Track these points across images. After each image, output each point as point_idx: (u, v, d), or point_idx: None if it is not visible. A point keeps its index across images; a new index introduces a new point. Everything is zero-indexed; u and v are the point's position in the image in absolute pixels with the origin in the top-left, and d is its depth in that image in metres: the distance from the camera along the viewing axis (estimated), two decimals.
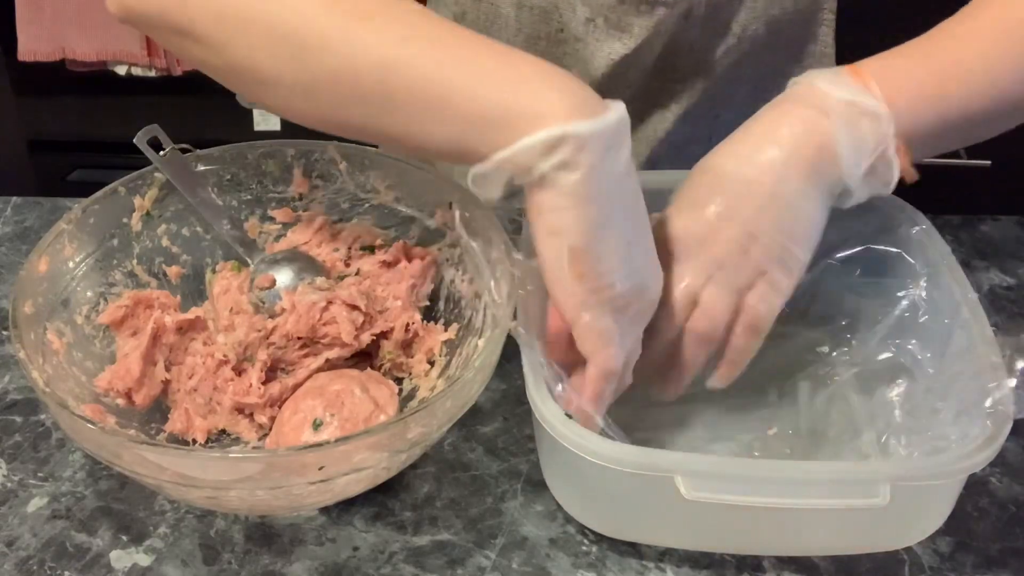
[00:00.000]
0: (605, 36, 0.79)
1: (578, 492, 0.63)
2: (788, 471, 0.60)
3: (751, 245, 0.62)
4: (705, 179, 0.64)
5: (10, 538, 0.64)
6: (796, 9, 0.82)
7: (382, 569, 0.63)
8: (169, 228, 0.74)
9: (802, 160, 0.62)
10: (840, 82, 0.62)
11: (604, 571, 0.63)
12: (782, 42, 0.84)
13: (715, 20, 0.80)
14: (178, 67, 1.65)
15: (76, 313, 0.68)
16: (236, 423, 0.69)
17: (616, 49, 0.79)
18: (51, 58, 1.62)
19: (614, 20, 0.78)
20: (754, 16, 0.80)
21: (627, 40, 0.79)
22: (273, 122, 1.73)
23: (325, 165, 0.76)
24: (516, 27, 0.82)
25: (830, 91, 0.62)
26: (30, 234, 0.86)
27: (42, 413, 0.71)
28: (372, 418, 0.65)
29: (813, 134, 0.62)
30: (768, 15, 0.80)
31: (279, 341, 0.69)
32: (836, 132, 0.61)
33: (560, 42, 0.81)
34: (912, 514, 0.61)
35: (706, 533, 0.63)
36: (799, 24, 0.84)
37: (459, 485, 0.68)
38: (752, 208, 0.62)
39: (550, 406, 0.59)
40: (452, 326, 0.72)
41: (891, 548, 0.64)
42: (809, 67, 0.86)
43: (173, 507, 0.66)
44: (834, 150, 0.61)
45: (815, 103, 0.62)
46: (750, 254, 0.62)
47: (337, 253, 0.75)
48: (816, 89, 0.63)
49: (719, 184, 0.63)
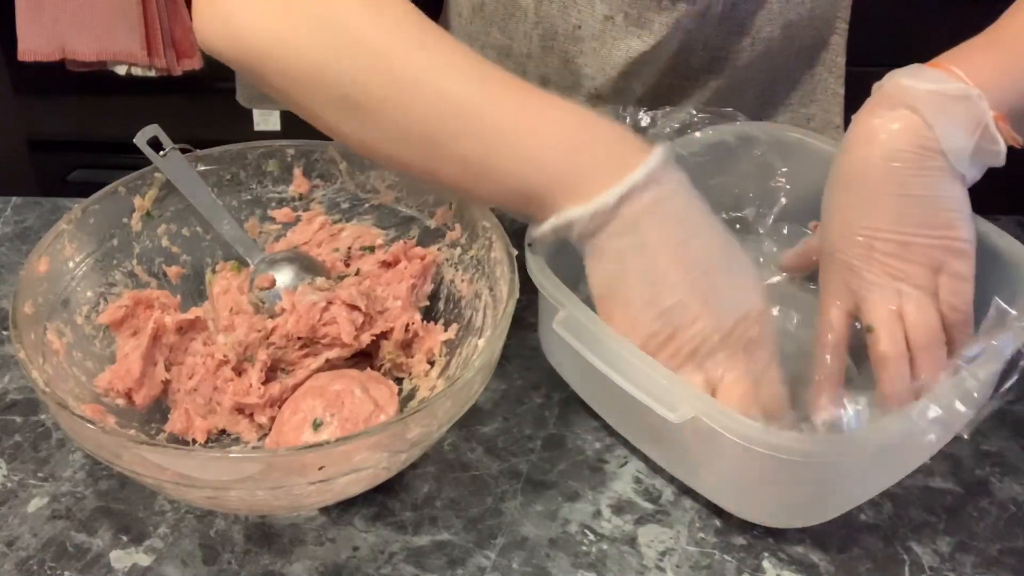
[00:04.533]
0: (624, 33, 0.79)
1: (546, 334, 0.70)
2: (623, 347, 0.61)
3: (908, 252, 0.63)
4: (832, 200, 0.66)
5: (10, 538, 0.64)
6: (812, 15, 0.82)
7: (382, 569, 0.63)
8: (169, 228, 0.74)
9: (911, 156, 0.63)
10: (922, 75, 0.64)
11: (604, 571, 0.63)
12: (795, 47, 0.84)
13: (732, 19, 0.80)
14: (178, 67, 1.65)
15: (76, 313, 0.68)
16: (236, 423, 0.69)
17: (634, 46, 0.79)
18: (51, 58, 1.62)
19: (634, 16, 0.78)
20: (770, 18, 0.80)
21: (646, 37, 0.79)
22: (273, 122, 1.73)
23: (325, 165, 0.76)
24: (534, 20, 0.82)
25: (915, 85, 0.63)
26: (30, 234, 0.86)
27: (42, 413, 0.71)
28: (372, 418, 0.65)
29: (910, 130, 0.63)
30: (785, 18, 0.81)
31: (279, 341, 0.69)
32: (932, 122, 0.62)
33: (577, 39, 0.80)
34: (743, 477, 0.62)
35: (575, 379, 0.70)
36: (813, 30, 0.84)
37: (459, 485, 0.68)
38: (889, 218, 0.63)
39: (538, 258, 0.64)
40: (452, 326, 0.72)
41: (739, 514, 0.65)
42: (818, 74, 0.87)
43: (173, 507, 0.66)
44: (935, 140, 0.62)
45: (904, 100, 0.63)
46: (913, 260, 0.63)
47: (337, 253, 0.75)
48: (901, 86, 0.64)
49: (847, 209, 0.65)
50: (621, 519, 0.66)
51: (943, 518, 0.66)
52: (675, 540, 0.65)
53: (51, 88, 1.78)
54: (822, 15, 0.83)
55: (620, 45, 0.79)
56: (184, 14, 1.63)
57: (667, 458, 0.67)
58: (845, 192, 0.65)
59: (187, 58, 1.65)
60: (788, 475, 0.60)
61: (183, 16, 1.63)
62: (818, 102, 0.89)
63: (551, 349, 0.72)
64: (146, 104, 1.75)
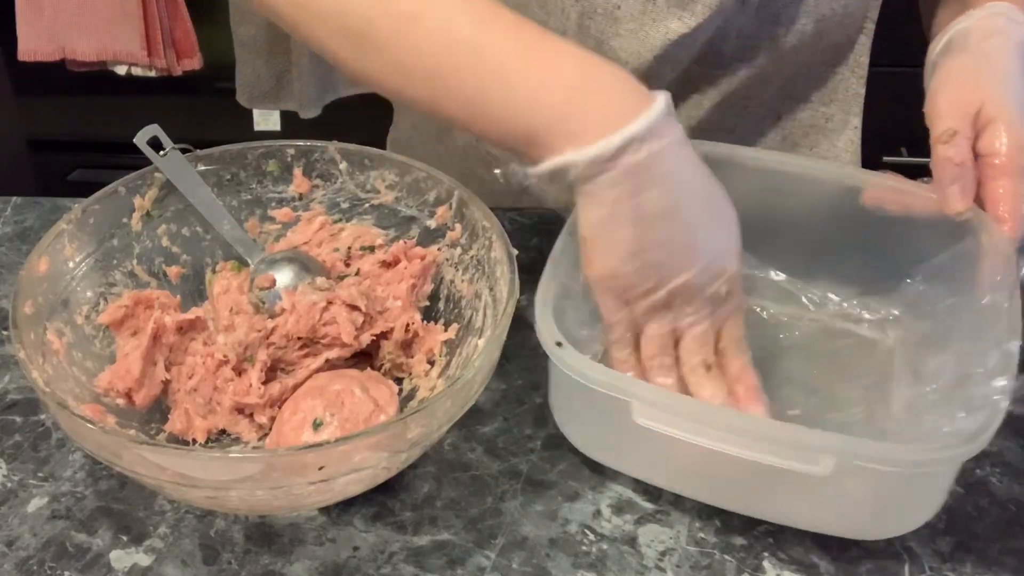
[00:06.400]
0: (665, 14, 0.78)
1: (566, 410, 0.68)
2: (736, 419, 0.61)
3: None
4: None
5: (10, 538, 0.64)
6: (845, 11, 0.82)
7: (382, 569, 0.63)
8: (169, 228, 0.74)
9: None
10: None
11: (604, 571, 0.63)
12: (823, 43, 0.85)
13: (769, 8, 0.80)
14: (178, 67, 1.65)
15: (76, 313, 0.68)
16: (236, 423, 0.69)
17: (673, 28, 0.79)
18: (51, 58, 1.62)
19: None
20: (806, 10, 0.81)
21: (687, 19, 0.78)
22: (273, 122, 1.73)
23: (325, 165, 0.76)
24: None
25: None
26: (30, 234, 0.86)
27: (42, 413, 0.71)
28: (372, 418, 0.65)
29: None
30: (819, 12, 0.81)
31: (279, 341, 0.69)
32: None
33: (615, 20, 0.80)
34: (873, 499, 0.61)
35: (661, 466, 0.66)
36: (843, 28, 0.85)
37: (459, 485, 0.68)
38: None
39: (548, 322, 0.63)
40: (452, 326, 0.72)
41: (858, 536, 0.64)
42: (841, 73, 0.88)
43: (173, 507, 0.66)
44: None
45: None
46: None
47: (337, 253, 0.75)
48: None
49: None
50: (621, 519, 0.66)
51: (943, 518, 0.66)
52: (675, 540, 0.65)
53: (51, 88, 1.78)
54: (854, 12, 0.84)
55: (659, 27, 0.79)
56: (184, 14, 1.63)
57: (763, 506, 0.65)
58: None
59: (187, 58, 1.65)
60: (921, 482, 0.61)
61: (183, 16, 1.63)
62: (838, 102, 0.89)
63: (564, 420, 0.69)
64: (146, 104, 1.75)
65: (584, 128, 0.59)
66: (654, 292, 0.62)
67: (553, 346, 0.62)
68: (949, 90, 0.73)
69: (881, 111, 0.99)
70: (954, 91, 0.73)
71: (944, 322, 0.72)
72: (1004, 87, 0.72)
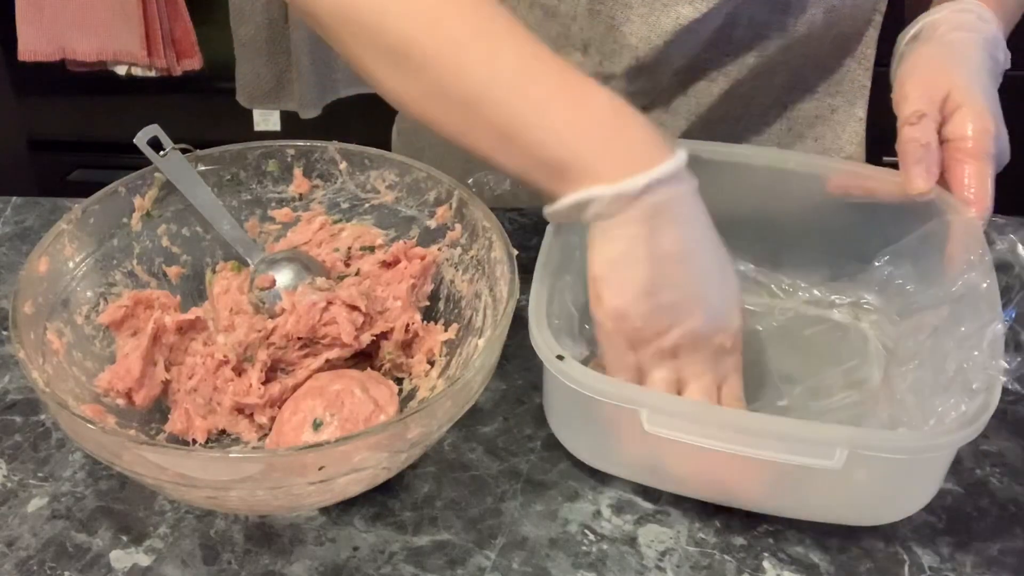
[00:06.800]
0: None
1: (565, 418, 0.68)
2: (746, 420, 0.61)
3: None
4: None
5: (10, 538, 0.64)
6: (855, 3, 0.83)
7: (382, 569, 0.63)
8: (169, 228, 0.74)
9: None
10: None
11: (604, 571, 0.63)
12: (832, 33, 0.85)
13: None
14: (178, 67, 1.65)
15: (76, 313, 0.68)
16: (236, 423, 0.69)
17: (684, 13, 0.79)
18: (51, 58, 1.62)
19: None
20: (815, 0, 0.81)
21: (698, 4, 0.78)
22: (273, 122, 1.73)
23: (325, 165, 0.76)
24: None
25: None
26: (30, 234, 0.86)
27: (42, 413, 0.71)
28: (372, 418, 0.65)
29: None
30: (829, 2, 0.81)
31: (279, 341, 0.69)
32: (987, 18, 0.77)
33: (626, 4, 0.80)
34: (879, 486, 0.62)
35: (669, 471, 0.65)
36: (852, 19, 0.85)
37: (459, 485, 0.68)
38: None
39: (545, 335, 0.62)
40: (452, 326, 0.72)
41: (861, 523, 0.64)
42: (847, 65, 0.89)
43: (173, 507, 0.66)
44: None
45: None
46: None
47: (337, 253, 0.75)
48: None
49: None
50: (621, 519, 0.66)
51: (943, 518, 0.66)
52: (675, 540, 0.65)
53: (51, 88, 1.78)
54: (863, 4, 0.84)
55: (670, 12, 0.79)
56: (184, 14, 1.63)
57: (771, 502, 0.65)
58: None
59: (187, 58, 1.65)
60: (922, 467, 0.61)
61: (183, 16, 1.63)
62: (843, 93, 0.89)
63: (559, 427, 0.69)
64: (146, 104, 1.76)
65: (613, 165, 0.60)
66: (664, 335, 0.62)
67: (554, 360, 0.61)
68: (917, 77, 0.74)
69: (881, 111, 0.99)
70: (922, 78, 0.74)
71: (916, 301, 0.73)
72: (970, 76, 0.73)
